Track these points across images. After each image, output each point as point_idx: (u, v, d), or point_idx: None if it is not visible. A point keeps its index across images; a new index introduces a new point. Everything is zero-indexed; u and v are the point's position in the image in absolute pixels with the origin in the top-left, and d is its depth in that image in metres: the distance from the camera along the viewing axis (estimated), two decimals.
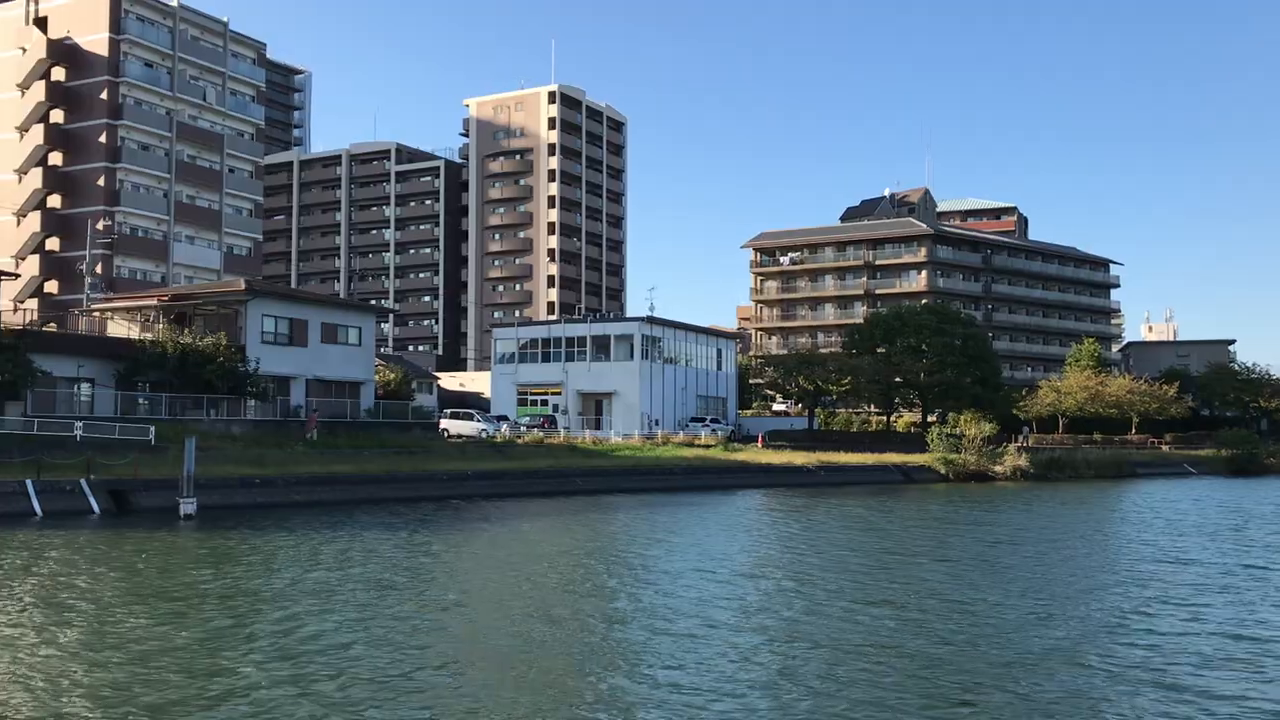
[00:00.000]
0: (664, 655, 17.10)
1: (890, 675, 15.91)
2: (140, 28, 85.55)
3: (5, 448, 41.15)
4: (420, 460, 52.33)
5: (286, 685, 14.93)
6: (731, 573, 26.56)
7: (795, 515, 43.61)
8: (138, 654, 16.68)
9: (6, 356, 44.58)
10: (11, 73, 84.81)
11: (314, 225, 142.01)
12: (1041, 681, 15.66)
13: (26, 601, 21.18)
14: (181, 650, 17.01)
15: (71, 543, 30.44)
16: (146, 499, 39.08)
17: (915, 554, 30.92)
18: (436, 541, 32.51)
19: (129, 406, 51.01)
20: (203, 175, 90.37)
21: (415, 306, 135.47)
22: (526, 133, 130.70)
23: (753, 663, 16.75)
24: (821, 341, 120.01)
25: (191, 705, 13.90)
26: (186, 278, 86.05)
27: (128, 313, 62.29)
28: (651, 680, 15.54)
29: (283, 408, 58.09)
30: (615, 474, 56.55)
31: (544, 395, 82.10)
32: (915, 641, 18.26)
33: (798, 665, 16.64)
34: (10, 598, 21.55)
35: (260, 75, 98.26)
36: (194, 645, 17.42)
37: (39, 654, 16.61)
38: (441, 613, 20.85)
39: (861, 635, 18.81)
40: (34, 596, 21.74)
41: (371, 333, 67.29)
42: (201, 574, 25.21)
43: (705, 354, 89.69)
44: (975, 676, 15.92)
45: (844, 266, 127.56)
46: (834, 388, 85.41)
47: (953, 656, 17.17)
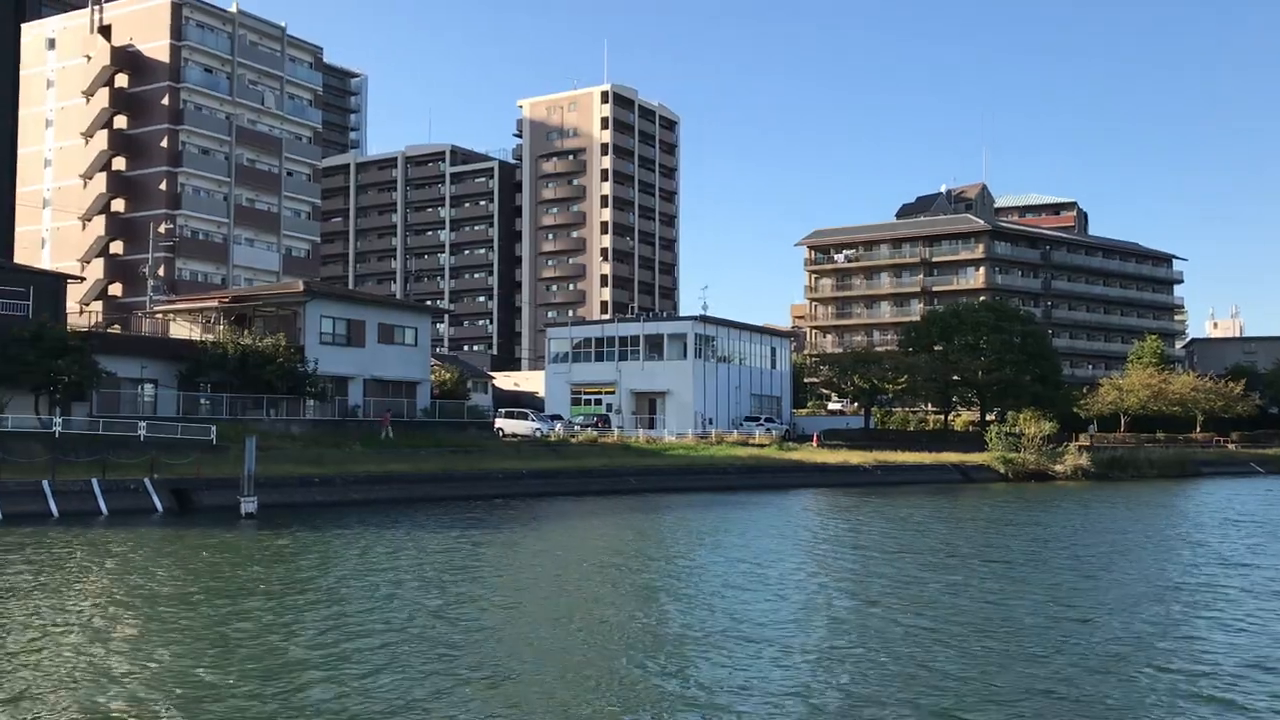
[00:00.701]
0: (713, 659, 16.98)
1: (936, 692, 15.66)
2: (200, 34, 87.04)
3: (72, 447, 42.02)
4: (476, 459, 52.63)
5: (334, 683, 15.04)
6: (785, 575, 26.35)
7: (851, 515, 43.23)
8: (199, 649, 16.91)
9: (73, 358, 45.53)
10: (77, 80, 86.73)
11: (371, 227, 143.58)
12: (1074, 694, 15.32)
13: (93, 597, 21.57)
14: (239, 646, 17.21)
15: (135, 540, 30.99)
16: (208, 498, 39.70)
17: (968, 556, 30.48)
18: (491, 540, 32.65)
19: (191, 407, 51.88)
20: (262, 178, 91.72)
21: (470, 307, 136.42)
22: (579, 133, 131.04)
23: (796, 668, 16.58)
24: (877, 340, 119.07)
25: (241, 700, 14.05)
26: (246, 280, 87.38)
27: (189, 314, 63.37)
28: (702, 684, 15.44)
29: (341, 408, 58.75)
30: (669, 473, 56.43)
31: (598, 394, 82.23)
32: (946, 655, 17.96)
33: (849, 673, 16.44)
34: (79, 593, 21.96)
35: (317, 79, 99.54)
36: (251, 642, 17.62)
37: (101, 647, 16.90)
38: (494, 612, 20.90)
39: (909, 644, 18.54)
40: (101, 592, 22.14)
41: (427, 333, 67.85)
42: (263, 572, 25.53)
43: (759, 352, 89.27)
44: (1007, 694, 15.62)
45: (900, 264, 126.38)
46: (890, 386, 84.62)
47: (982, 673, 16.86)
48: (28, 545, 29.23)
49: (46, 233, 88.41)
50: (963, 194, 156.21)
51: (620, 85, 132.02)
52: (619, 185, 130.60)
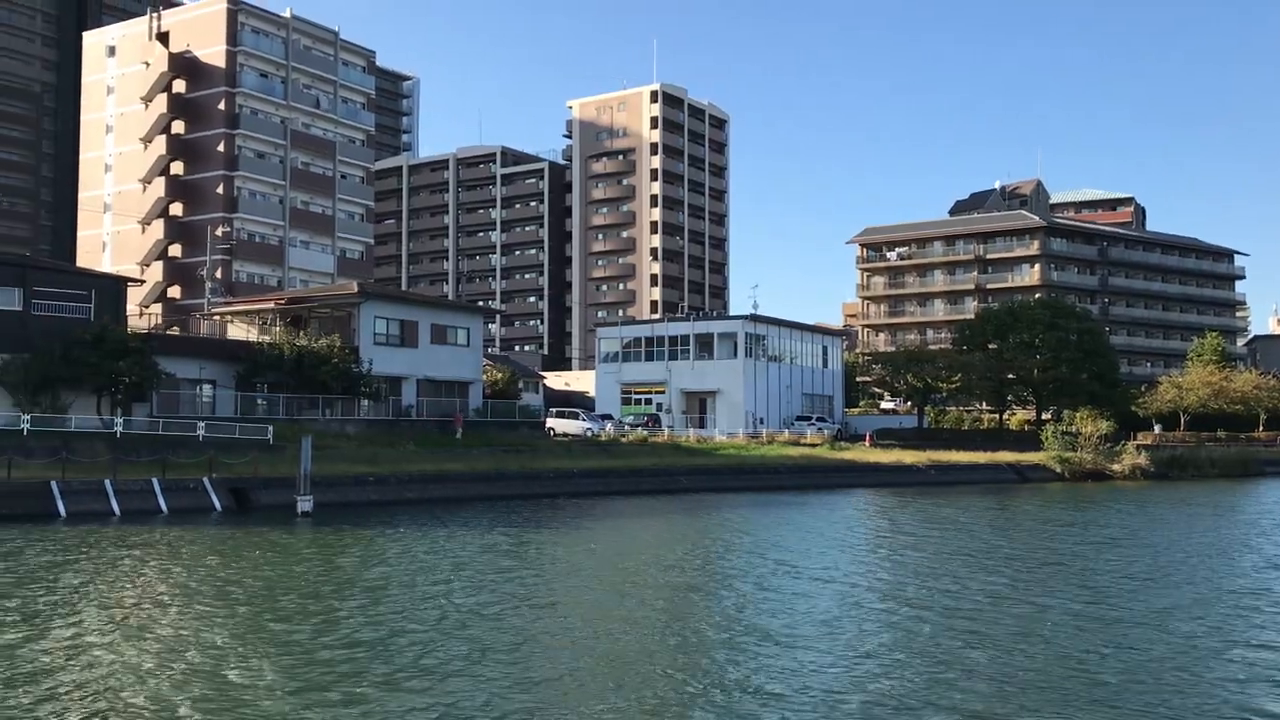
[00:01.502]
0: (757, 661, 16.90)
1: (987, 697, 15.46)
2: (255, 39, 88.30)
3: (133, 447, 42.82)
4: (527, 459, 52.89)
5: (381, 683, 15.17)
6: (835, 576, 26.17)
7: (903, 516, 42.86)
8: (248, 646, 17.14)
9: (133, 359, 46.40)
10: (136, 86, 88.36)
11: (423, 228, 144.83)
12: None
13: (149, 593, 21.94)
14: (290, 644, 17.42)
15: (193, 538, 31.50)
16: (265, 497, 40.26)
17: (1022, 557, 30.09)
18: (542, 540, 32.78)
19: (248, 407, 52.65)
20: (316, 181, 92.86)
21: (521, 307, 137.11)
22: (629, 132, 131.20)
23: (842, 674, 16.45)
24: (930, 338, 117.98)
25: (288, 697, 14.22)
26: (302, 281, 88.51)
27: (246, 316, 64.32)
28: (745, 687, 15.38)
29: (394, 407, 59.33)
30: (720, 473, 56.32)
31: (648, 394, 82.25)
32: (992, 660, 17.71)
33: (895, 680, 16.28)
34: (135, 590, 22.36)
35: (370, 82, 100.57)
36: (304, 640, 17.82)
37: (149, 643, 17.19)
38: (543, 612, 20.97)
39: (970, 651, 18.32)
40: (157, 589, 22.51)
41: (479, 333, 68.31)
42: (316, 571, 25.84)
43: (811, 351, 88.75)
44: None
45: (953, 261, 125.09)
46: (944, 385, 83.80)
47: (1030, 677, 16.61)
48: (89, 543, 29.83)
49: (107, 237, 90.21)
50: (1017, 190, 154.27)
51: (669, 84, 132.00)
52: (668, 184, 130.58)
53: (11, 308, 46.17)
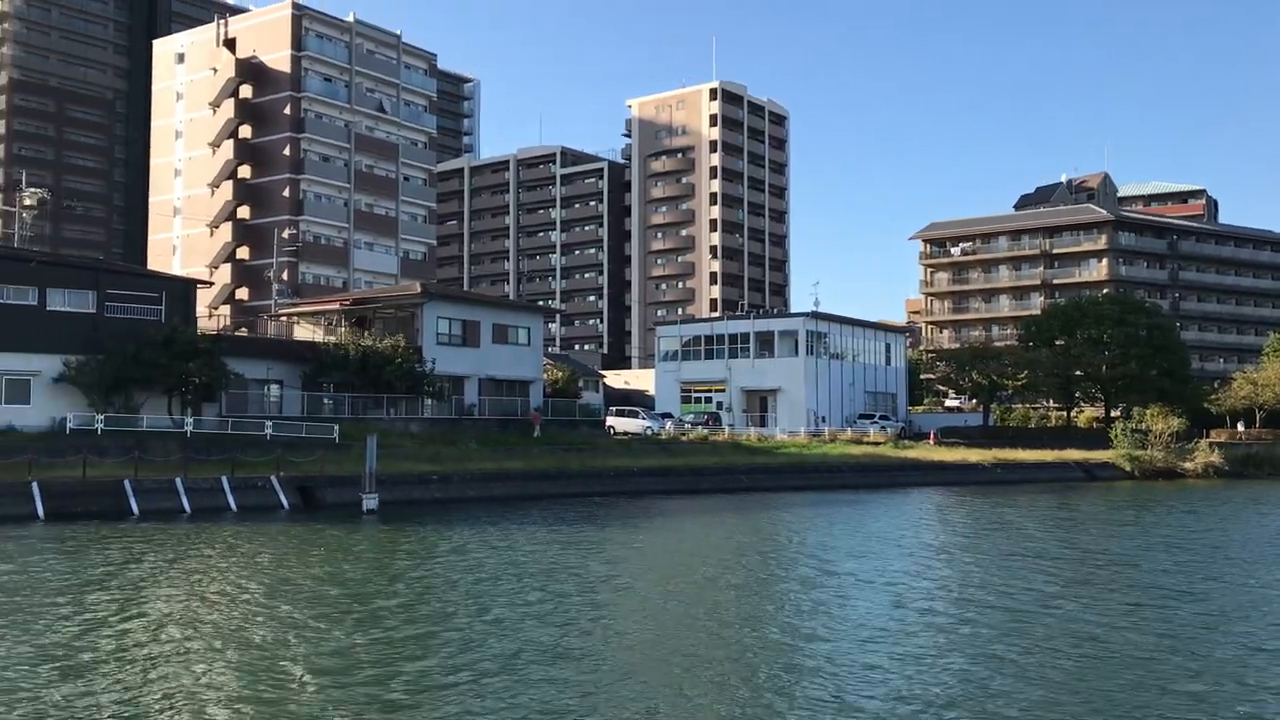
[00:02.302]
0: (814, 664, 16.78)
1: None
2: (319, 44, 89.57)
3: (203, 446, 43.70)
4: (587, 457, 53.05)
5: (443, 682, 15.29)
6: (897, 577, 25.92)
7: (969, 514, 42.31)
8: (314, 643, 17.39)
9: (203, 360, 47.33)
10: (204, 92, 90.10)
11: (484, 229, 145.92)
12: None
13: (216, 589, 22.36)
14: (353, 641, 17.64)
15: (262, 536, 32.04)
16: (332, 495, 40.84)
17: (1084, 558, 29.54)
18: (603, 538, 32.85)
19: (314, 406, 53.43)
20: (380, 184, 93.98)
21: (581, 306, 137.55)
22: (688, 131, 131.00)
23: (909, 677, 16.26)
24: (996, 334, 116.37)
25: (349, 691, 14.39)
26: (366, 282, 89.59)
27: (312, 317, 65.28)
28: (798, 692, 15.27)
29: (457, 406, 59.87)
30: (781, 472, 56.03)
31: (708, 392, 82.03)
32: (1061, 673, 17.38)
33: (961, 686, 16.06)
34: (204, 585, 22.80)
35: (432, 85, 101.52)
36: (372, 639, 18.04)
37: (211, 638, 17.51)
38: (602, 611, 21.02)
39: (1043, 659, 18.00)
40: (226, 585, 22.94)
41: (540, 333, 68.67)
42: (387, 568, 26.15)
43: (873, 349, 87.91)
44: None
45: (1019, 256, 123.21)
46: (1010, 382, 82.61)
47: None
48: (161, 541, 30.47)
49: (177, 240, 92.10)
50: (1084, 184, 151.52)
51: (729, 82, 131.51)
52: (728, 182, 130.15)
53: (85, 310, 47.34)
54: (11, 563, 25.72)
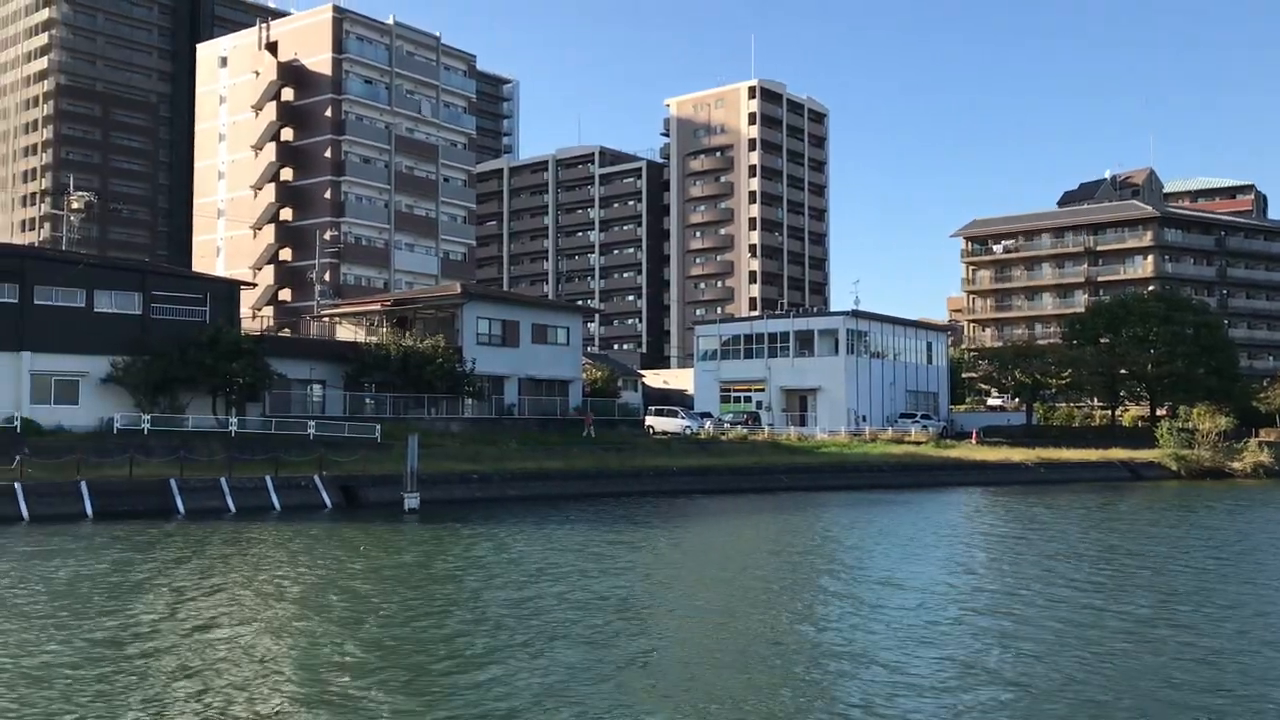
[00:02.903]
0: (854, 667, 16.65)
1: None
2: (360, 46, 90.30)
3: (247, 446, 44.16)
4: (626, 457, 53.05)
5: (482, 678, 15.33)
6: (938, 580, 25.69)
7: (1012, 515, 41.87)
8: (355, 641, 17.51)
9: (247, 361, 47.86)
10: (247, 95, 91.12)
11: (523, 229, 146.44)
12: None
13: (259, 588, 22.57)
14: (397, 636, 17.74)
15: (306, 535, 32.32)
16: (374, 494, 41.15)
17: (1131, 559, 29.12)
18: (643, 537, 32.83)
19: (356, 406, 53.87)
20: (420, 185, 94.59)
21: (620, 306, 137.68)
22: (727, 129, 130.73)
23: (947, 684, 16.10)
24: (1039, 333, 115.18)
25: (391, 688, 14.46)
26: (406, 283, 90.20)
27: (354, 317, 65.82)
28: (837, 695, 15.16)
29: (497, 406, 60.13)
30: (821, 471, 55.75)
31: (747, 391, 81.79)
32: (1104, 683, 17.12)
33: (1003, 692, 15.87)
34: (248, 584, 23.03)
35: (471, 86, 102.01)
36: (412, 632, 18.13)
37: (254, 635, 17.68)
38: (646, 609, 21.01)
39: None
40: (269, 583, 23.15)
41: (579, 332, 68.81)
42: (431, 567, 26.30)
43: (914, 347, 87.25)
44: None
45: (1062, 253, 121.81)
46: (1053, 381, 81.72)
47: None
48: (207, 540, 30.82)
49: (221, 241, 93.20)
50: (1129, 179, 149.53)
51: (768, 80, 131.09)
52: (767, 181, 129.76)
53: (132, 312, 48.03)
54: (64, 561, 26.12)
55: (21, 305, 45.13)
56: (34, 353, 45.15)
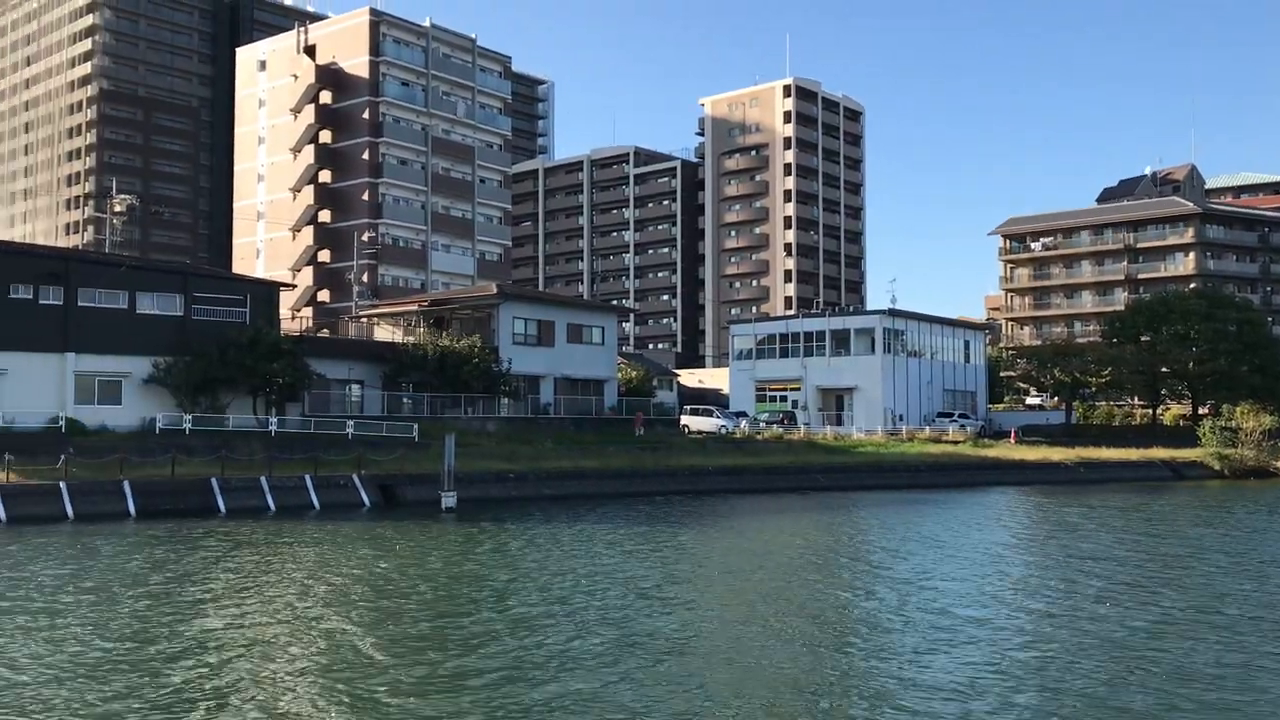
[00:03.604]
0: (895, 666, 16.61)
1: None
2: (396, 49, 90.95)
3: (287, 445, 44.65)
4: (662, 456, 53.10)
5: (525, 677, 15.44)
6: (978, 580, 25.54)
7: (1050, 514, 41.52)
8: (416, 635, 17.69)
9: (286, 361, 48.38)
10: (285, 98, 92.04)
11: (559, 229, 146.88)
12: None
13: (301, 587, 22.84)
14: (437, 632, 17.90)
15: (346, 533, 32.63)
16: (411, 492, 41.49)
17: (1174, 561, 28.80)
18: (678, 537, 32.87)
19: (394, 406, 54.33)
20: (456, 186, 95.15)
21: (654, 305, 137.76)
22: (762, 128, 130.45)
23: (1001, 685, 16.02)
24: (1078, 331, 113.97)
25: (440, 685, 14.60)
26: (443, 284, 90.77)
27: (391, 318, 66.36)
28: (879, 693, 15.14)
29: (533, 405, 60.41)
30: (858, 471, 55.53)
31: (783, 391, 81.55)
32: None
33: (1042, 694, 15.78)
34: (289, 583, 23.31)
35: (506, 88, 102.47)
36: (457, 634, 18.29)
37: (295, 631, 17.90)
38: (681, 608, 21.05)
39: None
40: (311, 582, 23.42)
41: (614, 332, 68.98)
42: (469, 565, 26.50)
43: (952, 346, 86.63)
44: None
45: (1102, 251, 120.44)
46: (1093, 380, 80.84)
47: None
48: (248, 538, 31.21)
49: (261, 243, 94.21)
50: (1169, 176, 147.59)
51: (803, 78, 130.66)
52: (802, 179, 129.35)
53: (173, 313, 48.70)
54: (109, 559, 26.55)
55: (66, 307, 45.90)
56: (78, 353, 45.92)
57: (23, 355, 44.53)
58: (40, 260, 48.72)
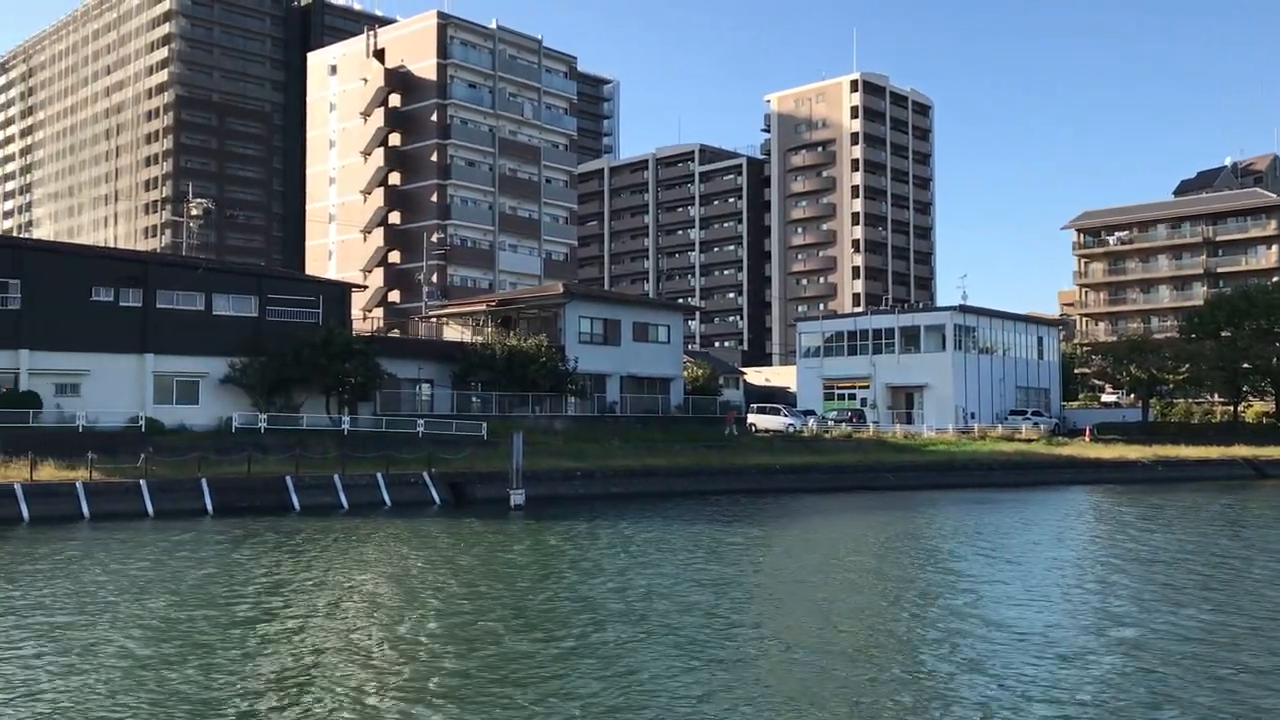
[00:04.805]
0: (967, 668, 16.36)
1: None
2: (464, 51, 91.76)
3: (359, 444, 45.31)
4: (729, 454, 52.95)
5: (593, 674, 15.47)
6: (1053, 581, 25.07)
7: (1128, 515, 40.62)
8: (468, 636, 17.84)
9: (358, 361, 49.12)
10: (356, 102, 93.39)
11: (624, 228, 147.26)
12: None
13: (377, 582, 23.15)
14: (515, 635, 18.02)
15: (417, 530, 33.01)
16: (481, 490, 41.86)
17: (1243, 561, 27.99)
18: (747, 535, 32.74)
19: (463, 404, 54.87)
20: (522, 186, 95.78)
21: (720, 303, 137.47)
22: (828, 124, 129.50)
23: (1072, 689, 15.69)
24: (1155, 326, 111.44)
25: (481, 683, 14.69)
26: (510, 284, 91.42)
27: (460, 318, 67.03)
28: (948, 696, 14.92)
29: (599, 404, 60.61)
30: (928, 470, 54.87)
31: (851, 389, 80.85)
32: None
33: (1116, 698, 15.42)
34: (363, 578, 23.64)
35: (572, 88, 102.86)
36: (520, 633, 18.41)
37: (360, 627, 18.13)
38: (751, 605, 20.96)
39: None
40: (388, 578, 23.73)
41: (679, 330, 68.94)
42: (543, 563, 26.67)
43: (1024, 343, 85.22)
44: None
45: (1179, 244, 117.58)
46: (1171, 376, 79.03)
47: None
48: (324, 534, 31.71)
49: (332, 245, 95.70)
50: (1250, 166, 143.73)
51: (870, 73, 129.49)
52: (870, 175, 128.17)
53: (248, 314, 49.71)
54: (188, 554, 27.14)
55: (145, 309, 47.06)
56: (156, 354, 47.07)
57: (104, 356, 45.77)
58: (120, 264, 50.06)
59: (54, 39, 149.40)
